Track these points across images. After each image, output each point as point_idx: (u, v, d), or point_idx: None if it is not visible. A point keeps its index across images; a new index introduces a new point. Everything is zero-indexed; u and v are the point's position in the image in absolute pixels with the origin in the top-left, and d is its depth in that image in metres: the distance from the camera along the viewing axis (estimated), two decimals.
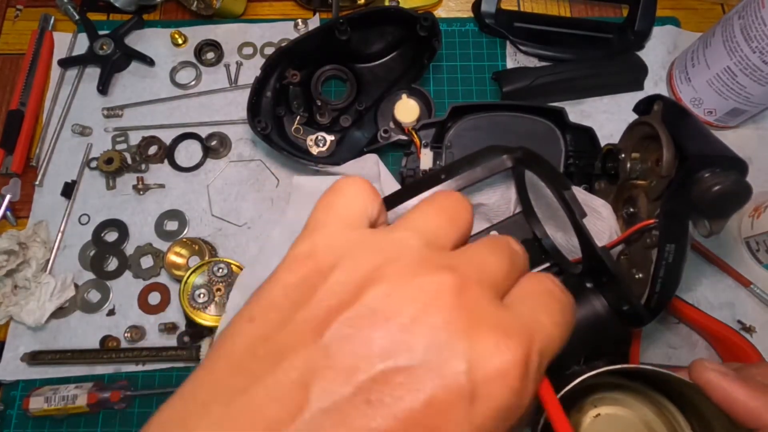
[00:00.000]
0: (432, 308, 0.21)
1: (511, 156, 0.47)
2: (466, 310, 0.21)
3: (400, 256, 0.23)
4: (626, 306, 0.42)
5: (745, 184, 0.41)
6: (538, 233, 0.53)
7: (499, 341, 0.21)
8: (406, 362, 0.20)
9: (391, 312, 0.21)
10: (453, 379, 0.20)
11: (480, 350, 0.20)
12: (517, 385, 0.20)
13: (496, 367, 0.20)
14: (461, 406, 0.20)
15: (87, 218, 0.65)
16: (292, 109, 0.67)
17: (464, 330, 0.21)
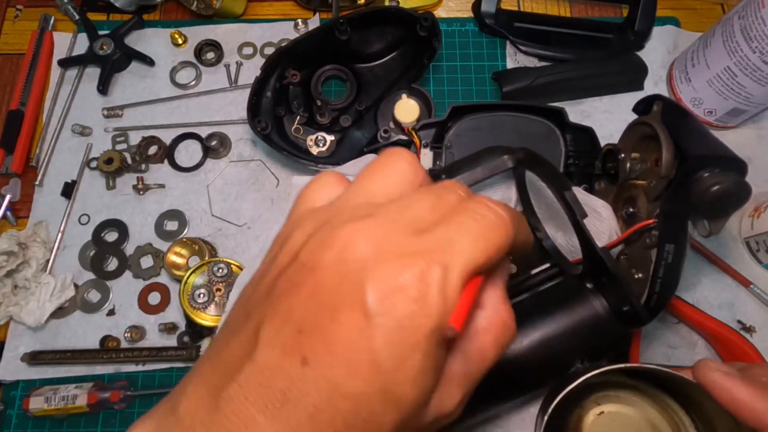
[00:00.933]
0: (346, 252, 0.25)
1: (513, 156, 0.47)
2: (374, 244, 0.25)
3: (336, 215, 0.28)
4: (626, 306, 0.42)
5: (744, 184, 0.41)
6: (538, 234, 0.53)
7: (397, 262, 0.24)
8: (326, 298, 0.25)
9: (315, 262, 0.26)
10: (360, 300, 0.24)
11: (381, 275, 0.24)
12: (414, 295, 0.24)
13: (392, 284, 0.24)
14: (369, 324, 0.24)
15: (87, 218, 0.65)
16: (292, 109, 0.67)
17: (370, 261, 0.25)
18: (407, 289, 0.24)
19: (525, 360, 0.43)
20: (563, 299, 0.45)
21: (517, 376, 0.43)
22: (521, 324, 0.44)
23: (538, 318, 0.44)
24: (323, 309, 0.25)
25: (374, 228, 0.26)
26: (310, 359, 0.24)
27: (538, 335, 0.43)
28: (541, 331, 0.43)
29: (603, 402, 0.44)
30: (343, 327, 0.24)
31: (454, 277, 0.25)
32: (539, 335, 0.43)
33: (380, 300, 0.24)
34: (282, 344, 0.25)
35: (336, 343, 0.24)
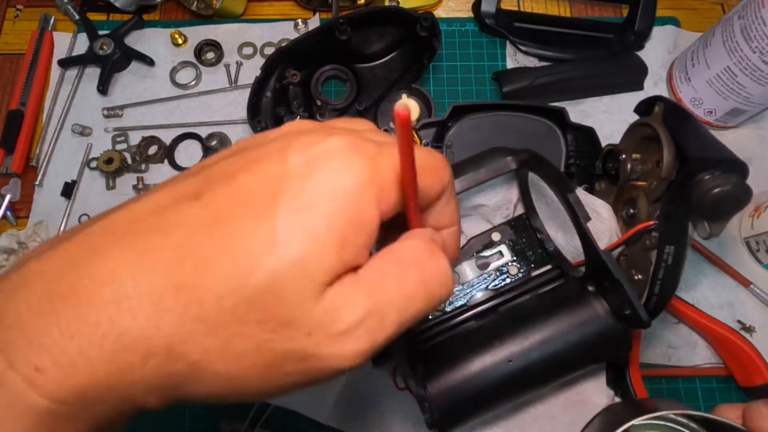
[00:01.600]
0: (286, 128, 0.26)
1: (516, 158, 0.47)
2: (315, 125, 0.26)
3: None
4: (628, 310, 0.42)
5: (745, 186, 0.41)
6: (541, 236, 0.53)
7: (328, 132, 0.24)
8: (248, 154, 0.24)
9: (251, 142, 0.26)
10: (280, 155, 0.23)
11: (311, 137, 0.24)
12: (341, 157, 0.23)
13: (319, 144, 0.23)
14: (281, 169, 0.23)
15: (87, 218, 0.65)
16: (292, 109, 0.67)
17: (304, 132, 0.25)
18: (333, 150, 0.23)
19: (526, 362, 0.43)
20: (564, 301, 0.45)
21: (518, 376, 0.43)
22: (522, 326, 0.44)
23: (539, 320, 0.44)
24: (239, 162, 0.24)
25: (322, 123, 0.27)
26: (204, 196, 0.23)
27: (539, 337, 0.43)
28: (541, 333, 0.43)
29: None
30: (253, 174, 0.23)
31: (386, 155, 0.24)
32: (540, 336, 0.43)
33: (302, 154, 0.23)
34: (184, 188, 0.24)
35: (239, 184, 0.23)
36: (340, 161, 0.23)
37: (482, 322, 0.48)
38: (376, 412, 0.56)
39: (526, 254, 0.53)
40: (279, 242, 0.21)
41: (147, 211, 0.23)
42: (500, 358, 0.43)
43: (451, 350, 0.45)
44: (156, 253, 0.22)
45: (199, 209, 0.22)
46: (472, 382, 0.43)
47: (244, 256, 0.21)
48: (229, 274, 0.21)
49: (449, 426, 0.44)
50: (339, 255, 0.22)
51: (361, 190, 0.23)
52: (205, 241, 0.22)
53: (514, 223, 0.54)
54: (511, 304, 0.49)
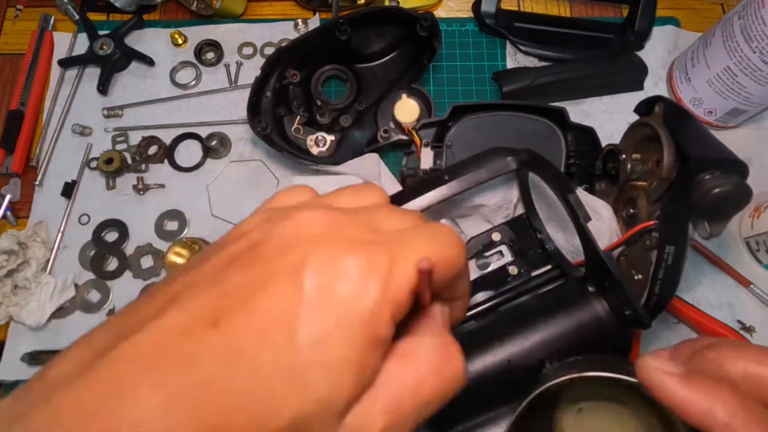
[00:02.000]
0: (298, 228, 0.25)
1: (516, 158, 0.47)
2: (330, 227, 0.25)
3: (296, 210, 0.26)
4: (628, 310, 0.42)
5: (745, 187, 0.41)
6: (541, 236, 0.53)
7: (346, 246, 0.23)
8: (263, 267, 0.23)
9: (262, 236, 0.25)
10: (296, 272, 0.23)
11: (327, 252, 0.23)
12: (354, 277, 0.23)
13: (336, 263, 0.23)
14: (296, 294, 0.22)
15: (87, 218, 0.65)
16: (292, 109, 0.67)
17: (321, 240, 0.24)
18: (348, 270, 0.23)
19: (526, 362, 0.43)
20: (564, 301, 0.45)
21: (518, 377, 0.43)
22: (522, 326, 0.44)
23: (540, 320, 0.44)
24: (255, 277, 0.23)
25: (332, 216, 0.25)
26: (222, 322, 0.22)
27: (538, 337, 0.43)
28: (541, 333, 0.43)
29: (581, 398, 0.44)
30: (269, 295, 0.22)
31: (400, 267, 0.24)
32: (540, 337, 0.43)
33: (318, 274, 0.22)
34: (199, 307, 0.23)
35: (256, 310, 0.22)
36: (356, 287, 0.23)
37: (482, 322, 0.48)
38: None
39: (526, 254, 0.53)
40: (300, 383, 0.22)
41: (170, 334, 0.22)
42: (500, 358, 0.43)
43: None
44: (184, 393, 0.21)
45: (220, 339, 0.22)
46: (473, 381, 0.42)
47: (268, 398, 0.21)
48: (255, 417, 0.21)
49: (449, 425, 0.44)
50: (357, 383, 0.23)
51: (376, 313, 0.23)
52: (229, 378, 0.21)
53: (514, 224, 0.54)
54: (511, 305, 0.49)
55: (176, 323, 0.22)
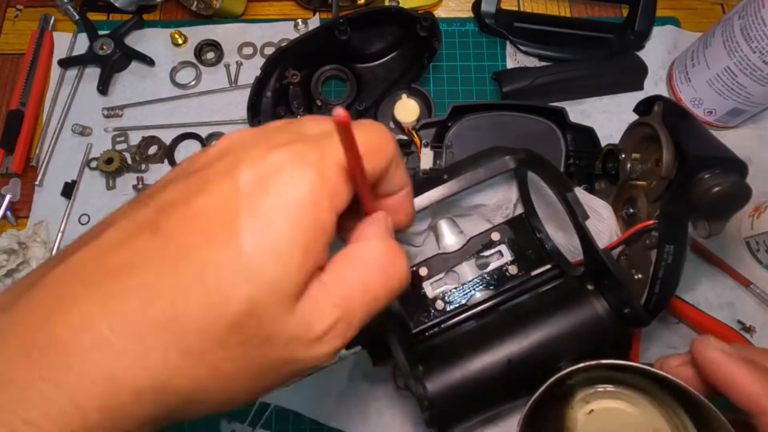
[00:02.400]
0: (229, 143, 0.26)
1: (515, 157, 0.47)
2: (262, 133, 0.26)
3: None
4: (627, 308, 0.42)
5: (744, 185, 0.41)
6: (540, 235, 0.53)
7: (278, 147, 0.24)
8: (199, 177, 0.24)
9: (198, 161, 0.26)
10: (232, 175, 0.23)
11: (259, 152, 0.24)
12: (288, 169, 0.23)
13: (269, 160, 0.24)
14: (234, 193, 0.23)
15: (87, 218, 0.65)
16: (292, 109, 0.67)
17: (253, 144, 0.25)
18: (280, 163, 0.24)
19: (526, 360, 0.43)
20: (564, 300, 0.45)
21: (518, 376, 0.43)
22: (522, 325, 0.44)
23: (539, 318, 0.44)
24: (192, 186, 0.24)
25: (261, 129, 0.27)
26: (163, 227, 0.23)
27: (538, 336, 0.43)
28: (541, 332, 0.43)
29: (592, 400, 0.44)
30: (207, 197, 0.23)
31: (329, 155, 0.25)
32: (539, 336, 0.43)
33: (252, 171, 0.23)
34: (137, 220, 0.23)
35: (195, 210, 0.23)
36: (288, 176, 0.23)
37: (482, 321, 0.48)
38: (376, 412, 0.56)
39: (525, 254, 0.53)
40: (249, 268, 0.22)
41: (108, 247, 0.23)
42: (500, 357, 0.43)
43: (451, 350, 0.45)
44: (128, 294, 0.22)
45: (162, 242, 0.22)
46: (472, 381, 0.43)
47: (218, 287, 0.22)
48: (208, 306, 0.22)
49: (448, 425, 0.44)
50: (303, 266, 0.23)
51: (314, 199, 0.24)
52: (175, 276, 0.22)
53: (513, 223, 0.54)
54: (511, 304, 0.49)
55: (116, 236, 0.23)
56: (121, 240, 0.23)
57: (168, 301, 0.22)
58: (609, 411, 0.43)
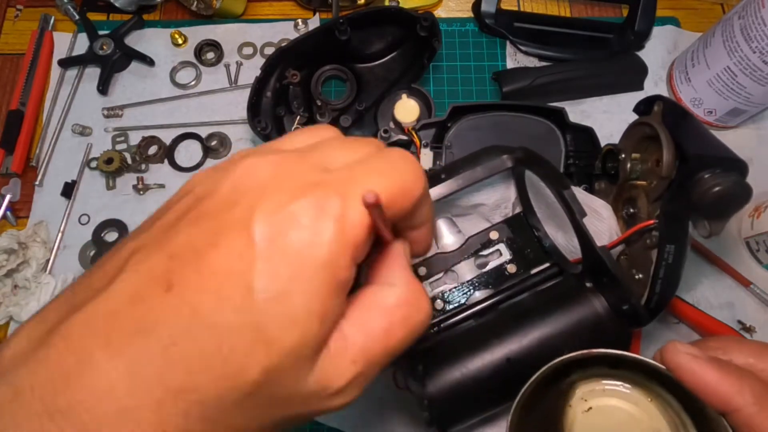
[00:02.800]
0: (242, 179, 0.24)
1: (512, 156, 0.47)
2: (277, 171, 0.24)
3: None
4: (626, 306, 0.42)
5: (745, 185, 0.41)
6: (538, 233, 0.53)
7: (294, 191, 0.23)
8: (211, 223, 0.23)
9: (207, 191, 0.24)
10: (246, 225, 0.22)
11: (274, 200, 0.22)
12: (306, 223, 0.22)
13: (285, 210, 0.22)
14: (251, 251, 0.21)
15: (87, 218, 0.65)
16: (292, 109, 0.67)
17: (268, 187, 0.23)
18: (299, 216, 0.22)
19: (525, 359, 0.43)
20: (563, 298, 0.45)
21: (517, 375, 0.43)
22: (521, 324, 0.44)
23: (538, 317, 0.44)
24: (204, 234, 0.22)
25: (279, 161, 0.24)
26: (176, 284, 0.21)
27: (537, 334, 0.43)
28: (540, 331, 0.43)
29: (591, 397, 0.44)
30: (221, 251, 0.22)
31: (352, 206, 0.23)
32: (539, 334, 0.43)
33: (268, 225, 0.22)
34: (149, 270, 0.22)
35: (209, 268, 0.21)
36: (307, 233, 0.22)
37: (481, 320, 0.48)
38: (376, 412, 0.56)
39: (524, 252, 0.53)
40: (265, 339, 0.21)
41: (122, 302, 0.22)
42: (499, 356, 0.43)
43: (451, 349, 0.45)
44: (146, 359, 0.21)
45: (175, 302, 0.21)
46: (472, 380, 0.42)
47: (234, 356, 0.21)
48: (224, 376, 0.21)
49: (448, 424, 0.44)
50: (322, 329, 0.23)
51: (334, 258, 0.22)
52: (191, 343, 0.21)
53: (511, 222, 0.54)
54: (510, 302, 0.48)
55: (127, 289, 0.22)
56: (135, 294, 0.22)
57: (185, 369, 0.21)
58: (608, 409, 0.43)
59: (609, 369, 0.42)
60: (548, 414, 0.42)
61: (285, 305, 0.22)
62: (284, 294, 0.21)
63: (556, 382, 0.42)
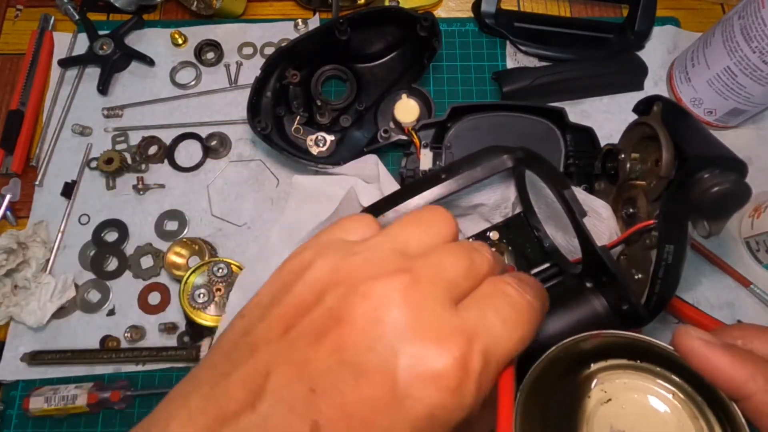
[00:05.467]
0: (381, 310, 0.23)
1: (512, 156, 0.47)
2: (413, 311, 0.24)
3: (369, 256, 0.26)
4: (626, 306, 0.42)
5: (744, 185, 0.41)
6: (538, 233, 0.53)
7: (438, 343, 0.23)
8: (351, 358, 0.23)
9: (344, 313, 0.24)
10: (390, 374, 0.22)
11: (418, 352, 0.23)
12: (452, 385, 0.22)
13: (430, 368, 0.22)
14: (396, 404, 0.22)
15: (87, 218, 0.65)
16: (292, 109, 0.67)
17: (407, 330, 0.23)
18: (445, 378, 0.22)
19: (524, 358, 0.42)
20: (562, 298, 0.45)
21: (517, 375, 0.43)
22: None
23: None
24: (345, 370, 0.23)
25: (411, 288, 0.24)
26: (322, 427, 0.22)
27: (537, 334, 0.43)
28: (540, 330, 0.43)
29: (612, 390, 0.43)
30: (364, 398, 0.22)
31: (492, 368, 0.24)
32: (539, 334, 0.43)
33: (413, 380, 0.22)
34: (291, 401, 0.23)
35: (354, 416, 0.22)
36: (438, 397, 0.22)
37: None
38: None
39: (524, 252, 0.53)
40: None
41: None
42: None
43: None
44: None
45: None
46: None
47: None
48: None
49: None
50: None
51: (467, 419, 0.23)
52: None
53: (512, 222, 0.54)
54: None
55: (273, 418, 0.22)
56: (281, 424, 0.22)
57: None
58: (627, 400, 0.42)
59: (629, 361, 0.42)
60: (565, 405, 0.42)
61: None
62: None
63: (574, 373, 0.41)
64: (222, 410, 0.23)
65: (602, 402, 0.42)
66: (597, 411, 0.42)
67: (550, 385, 0.40)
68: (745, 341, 0.34)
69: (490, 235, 0.54)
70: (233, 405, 0.23)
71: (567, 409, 0.42)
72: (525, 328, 0.26)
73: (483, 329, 0.24)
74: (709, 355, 0.32)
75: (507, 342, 0.25)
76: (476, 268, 0.27)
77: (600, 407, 0.42)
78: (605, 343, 0.39)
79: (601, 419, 0.41)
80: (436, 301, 0.25)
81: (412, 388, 0.22)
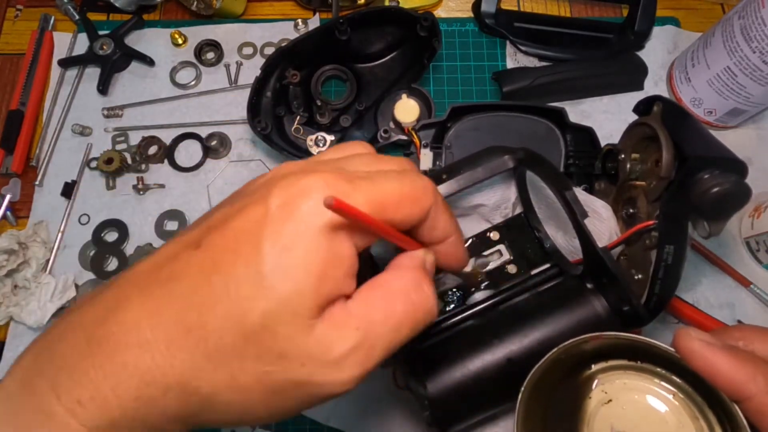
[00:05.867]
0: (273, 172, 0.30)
1: (513, 156, 0.47)
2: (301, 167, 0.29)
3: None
4: (626, 307, 0.42)
5: (744, 185, 0.41)
6: (539, 234, 0.53)
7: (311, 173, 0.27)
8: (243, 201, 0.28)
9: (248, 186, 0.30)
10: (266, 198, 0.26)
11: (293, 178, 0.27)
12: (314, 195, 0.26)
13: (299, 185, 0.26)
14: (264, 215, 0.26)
15: (87, 218, 0.65)
16: (292, 109, 0.67)
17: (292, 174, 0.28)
18: (309, 189, 0.26)
19: (525, 360, 0.43)
20: (563, 299, 0.45)
21: (518, 375, 0.43)
22: (521, 324, 0.44)
23: (539, 318, 0.44)
24: (235, 209, 0.27)
25: (307, 161, 0.31)
26: (203, 244, 0.26)
27: (537, 335, 0.43)
28: (541, 331, 0.43)
29: (612, 391, 0.43)
30: (242, 218, 0.26)
31: (359, 193, 0.26)
32: (539, 335, 0.43)
33: (282, 196, 0.26)
34: (189, 238, 0.28)
35: (230, 231, 0.26)
36: (313, 202, 0.26)
37: (481, 320, 0.48)
38: (376, 412, 0.56)
39: (524, 253, 0.53)
40: (266, 285, 0.25)
41: (162, 260, 0.27)
42: (500, 356, 0.43)
43: (451, 349, 0.45)
44: (169, 301, 0.26)
45: (200, 257, 0.26)
46: (472, 380, 0.42)
47: (238, 299, 0.25)
48: (227, 316, 0.25)
49: (449, 424, 0.44)
50: (318, 290, 0.26)
51: (332, 229, 0.26)
52: (206, 287, 0.26)
53: (512, 223, 0.54)
54: (510, 303, 0.48)
55: (170, 250, 0.28)
56: (172, 254, 0.27)
57: (198, 310, 0.25)
58: (628, 401, 0.42)
59: (629, 362, 0.42)
60: (566, 405, 0.42)
61: (286, 258, 0.25)
62: (286, 249, 0.25)
63: (575, 374, 0.41)
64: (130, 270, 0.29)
65: (603, 402, 0.42)
66: (598, 411, 0.42)
67: (552, 386, 0.41)
68: (745, 342, 0.34)
69: (491, 235, 0.54)
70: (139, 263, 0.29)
71: (568, 409, 0.42)
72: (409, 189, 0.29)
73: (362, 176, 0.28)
74: (710, 357, 0.32)
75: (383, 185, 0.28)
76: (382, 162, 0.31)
77: (601, 408, 0.42)
78: (606, 345, 0.39)
79: (601, 420, 0.41)
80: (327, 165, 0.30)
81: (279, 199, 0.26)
